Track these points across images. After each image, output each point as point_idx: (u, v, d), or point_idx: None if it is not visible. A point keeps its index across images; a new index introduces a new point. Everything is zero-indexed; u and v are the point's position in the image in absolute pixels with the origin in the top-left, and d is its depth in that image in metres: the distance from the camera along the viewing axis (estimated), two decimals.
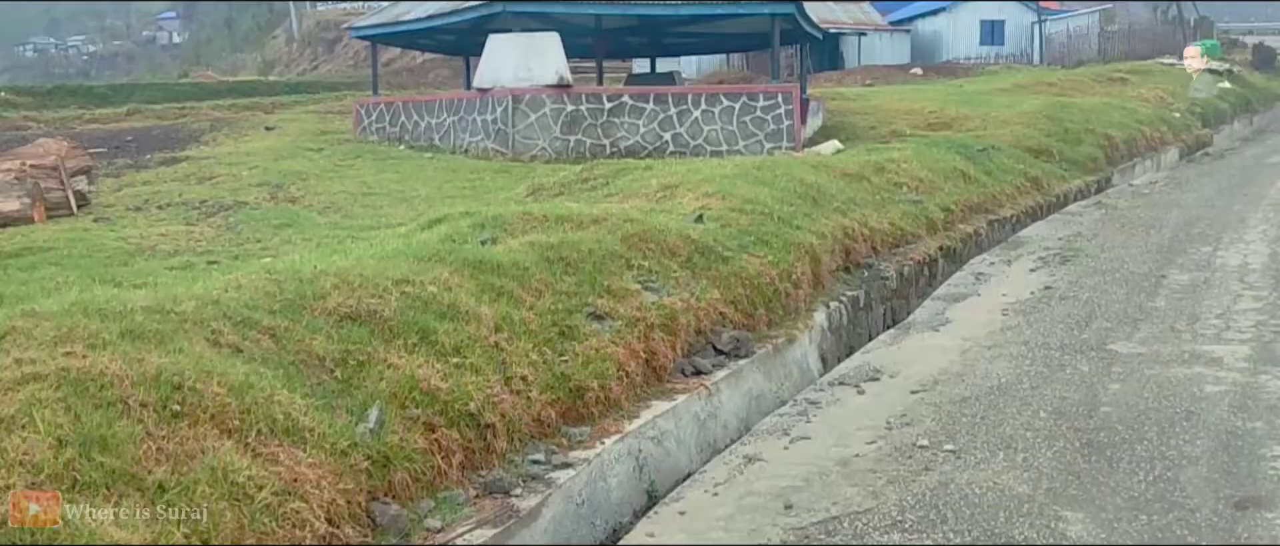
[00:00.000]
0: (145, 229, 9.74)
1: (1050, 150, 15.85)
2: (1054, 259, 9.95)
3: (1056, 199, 13.92)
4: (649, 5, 17.53)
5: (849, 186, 10.13)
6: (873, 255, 8.92)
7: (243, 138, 19.07)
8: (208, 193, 12.21)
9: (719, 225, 7.70)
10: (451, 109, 17.73)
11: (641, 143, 16.50)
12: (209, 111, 25.83)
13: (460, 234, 6.62)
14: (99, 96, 32.18)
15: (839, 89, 27.48)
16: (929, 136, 16.40)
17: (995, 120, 17.82)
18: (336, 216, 10.65)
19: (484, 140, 16.56)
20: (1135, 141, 18.59)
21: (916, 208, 10.38)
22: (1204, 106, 24.92)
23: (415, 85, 41.21)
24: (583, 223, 6.92)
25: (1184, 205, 13.36)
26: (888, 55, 42.97)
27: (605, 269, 6.20)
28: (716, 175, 9.31)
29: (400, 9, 20.96)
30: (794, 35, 20.92)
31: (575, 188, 10.36)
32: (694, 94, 17.38)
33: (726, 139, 16.74)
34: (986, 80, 29.12)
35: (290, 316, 4.62)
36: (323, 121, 21.94)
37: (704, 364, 6.01)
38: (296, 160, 15.21)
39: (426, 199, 11.70)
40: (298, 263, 5.67)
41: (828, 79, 34.38)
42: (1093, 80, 26.39)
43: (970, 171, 12.63)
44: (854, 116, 20.30)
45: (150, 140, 19.05)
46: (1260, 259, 9.57)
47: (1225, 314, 7.54)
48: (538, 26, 17.52)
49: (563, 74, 16.55)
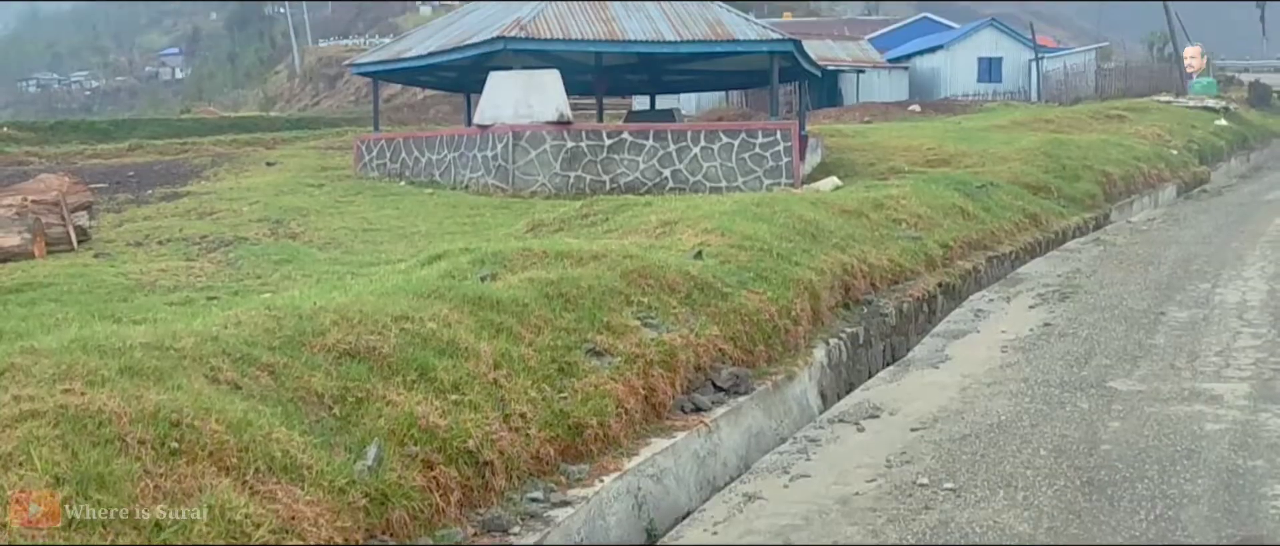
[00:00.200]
0: (145, 264, 9.75)
1: (1048, 187, 15.91)
2: (1053, 296, 9.96)
3: (1055, 235, 13.95)
4: (649, 43, 17.65)
5: (848, 223, 10.15)
6: (872, 292, 8.92)
7: (244, 173, 19.15)
8: (208, 228, 12.24)
9: (718, 261, 7.71)
10: (452, 145, 17.82)
11: (641, 179, 16.57)
12: (210, 147, 25.93)
13: (460, 270, 6.63)
14: (101, 132, 32.31)
15: (837, 126, 27.63)
16: (927, 173, 16.46)
17: (993, 157, 17.90)
18: (336, 252, 10.67)
19: (484, 176, 16.63)
20: (1133, 178, 18.67)
21: (915, 244, 10.40)
22: (1201, 144, 25.04)
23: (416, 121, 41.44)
24: (582, 259, 6.93)
25: (1182, 242, 13.40)
26: (886, 92, 43.26)
27: (604, 305, 6.20)
28: (716, 212, 9.34)
29: (402, 46, 21.13)
30: (793, 73, 21.08)
31: (575, 223, 10.39)
32: (693, 131, 17.49)
33: (725, 175, 16.81)
34: (984, 117, 29.27)
35: (289, 353, 4.61)
36: (323, 157, 22.03)
37: (703, 401, 5.99)
38: (297, 196, 15.27)
39: (426, 235, 11.73)
40: (297, 299, 5.68)
41: (826, 116, 34.56)
42: (1090, 117, 26.53)
43: (969, 208, 12.67)
44: (852, 153, 20.40)
45: (151, 175, 19.13)
46: (1259, 296, 9.58)
47: (1224, 351, 7.54)
48: (538, 64, 17.66)
49: (563, 111, 16.65)
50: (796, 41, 18.84)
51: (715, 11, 18.95)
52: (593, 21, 17.54)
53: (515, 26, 16.61)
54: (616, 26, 17.51)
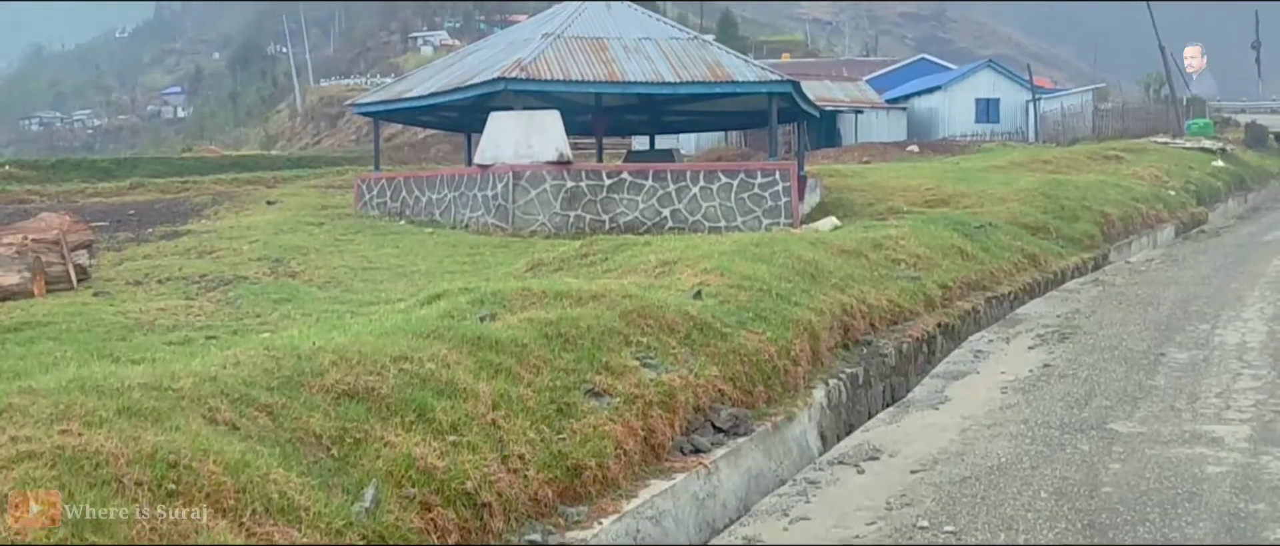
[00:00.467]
0: (145, 303, 9.75)
1: (1047, 227, 15.94)
2: (1052, 336, 9.95)
3: (1054, 276, 13.97)
4: (648, 85, 17.79)
5: (847, 263, 10.17)
6: (871, 332, 8.92)
7: (244, 212, 19.20)
8: (208, 267, 12.25)
9: (717, 301, 7.72)
10: (452, 184, 17.89)
11: (640, 218, 16.62)
12: (211, 185, 26.05)
13: (459, 310, 6.63)
14: (102, 170, 32.52)
15: (836, 166, 27.75)
16: (926, 213, 16.52)
17: (992, 197, 17.96)
18: (336, 291, 10.67)
19: (484, 215, 16.68)
20: (1131, 219, 18.72)
21: (914, 284, 10.40)
22: (1198, 184, 25.14)
23: (417, 160, 41.66)
24: (581, 298, 6.93)
25: (1181, 283, 13.40)
26: (884, 132, 43.53)
27: (604, 345, 6.19)
28: (715, 251, 9.36)
29: (403, 86, 21.28)
30: (791, 113, 21.22)
31: (574, 263, 10.40)
32: (692, 171, 17.57)
33: (725, 215, 16.87)
34: (982, 157, 29.42)
35: (288, 393, 4.60)
36: (324, 196, 22.11)
37: (703, 442, 5.97)
38: (297, 234, 15.30)
39: (426, 274, 11.73)
40: (296, 338, 5.67)
41: (825, 156, 34.76)
42: (1087, 158, 26.66)
43: (968, 248, 12.69)
44: (851, 193, 20.47)
45: (152, 214, 19.18)
46: (1258, 337, 9.57)
47: (1225, 393, 7.52)
48: (539, 104, 17.78)
49: (563, 151, 16.74)
50: (795, 83, 18.99)
51: (714, 53, 19.14)
52: (593, 63, 17.68)
53: (516, 67, 16.74)
54: (616, 68, 17.65)
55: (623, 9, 21.14)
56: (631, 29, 19.36)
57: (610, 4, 20.94)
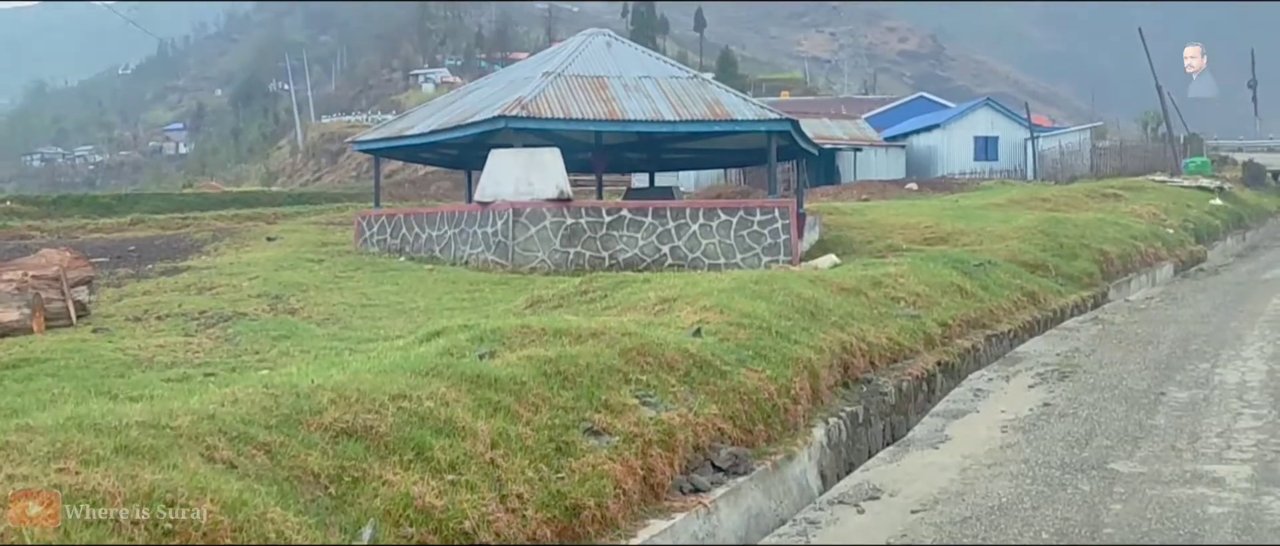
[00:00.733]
0: (144, 340, 9.74)
1: (1046, 265, 15.97)
2: (1052, 375, 9.94)
3: (1053, 314, 13.96)
4: (648, 123, 17.87)
5: (846, 301, 10.17)
6: (871, 370, 8.90)
7: (244, 248, 19.22)
8: (207, 303, 12.25)
9: (717, 339, 7.71)
10: (452, 221, 17.93)
11: (640, 255, 16.64)
12: (212, 222, 26.08)
13: (458, 347, 6.62)
14: (103, 206, 32.57)
15: (835, 203, 27.83)
16: (925, 251, 16.54)
17: (991, 235, 18.00)
18: (335, 328, 10.66)
19: (484, 252, 16.70)
20: (1130, 257, 18.75)
21: (914, 322, 10.40)
22: (1197, 223, 25.21)
23: (417, 196, 41.78)
24: (581, 336, 6.93)
25: (1181, 321, 13.40)
26: (883, 170, 43.70)
27: (603, 383, 6.18)
28: (714, 289, 9.36)
29: (404, 123, 21.38)
30: (790, 151, 21.31)
31: (574, 300, 10.40)
32: (692, 208, 17.62)
33: (724, 252, 16.90)
34: (981, 195, 29.51)
35: (286, 431, 4.59)
36: (324, 232, 22.15)
37: (702, 481, 5.94)
38: (297, 271, 15.31)
39: (425, 311, 11.74)
40: (295, 376, 5.67)
41: (824, 193, 34.87)
42: (1086, 196, 26.75)
43: (967, 286, 12.70)
44: (850, 231, 20.52)
45: (152, 250, 19.20)
46: (1258, 376, 9.56)
47: (1225, 432, 7.50)
48: (539, 142, 17.87)
49: (563, 188, 16.80)
50: (794, 121, 19.08)
51: (714, 92, 19.25)
52: (593, 101, 17.78)
53: (516, 105, 16.83)
54: (617, 106, 17.75)
55: (623, 48, 21.31)
56: (631, 68, 19.50)
57: (610, 43, 21.11)
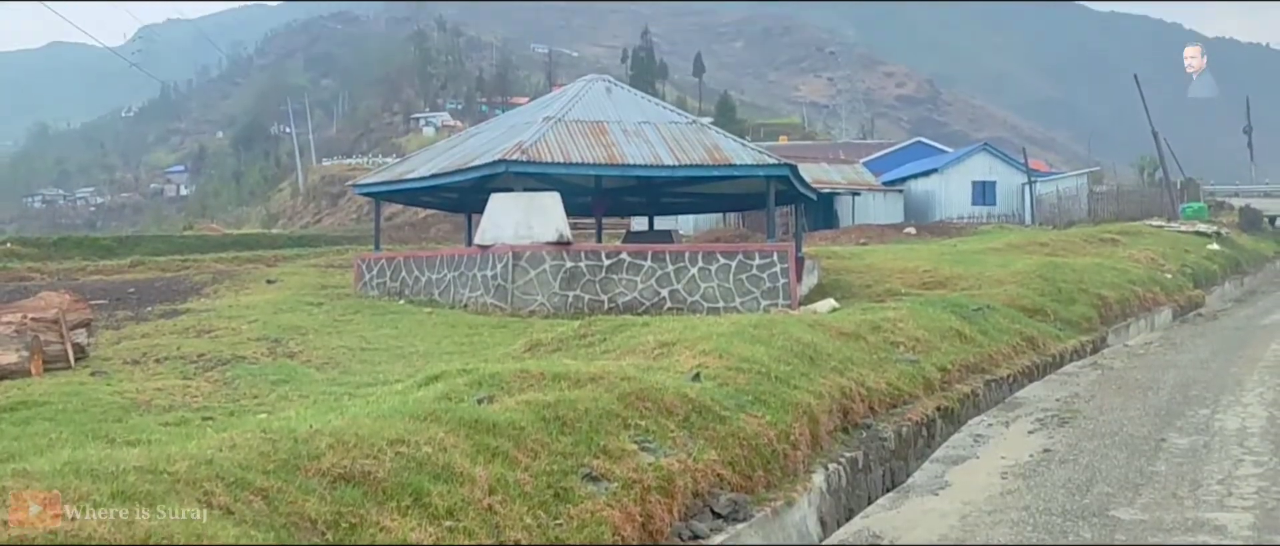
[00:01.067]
0: (142, 383, 9.71)
1: (1044, 310, 15.98)
2: (1052, 421, 9.91)
3: (1052, 359, 13.95)
4: (648, 168, 17.96)
5: (846, 345, 10.17)
6: (870, 415, 8.88)
7: (244, 290, 19.22)
8: (206, 346, 12.23)
9: (716, 384, 7.70)
10: (452, 264, 17.96)
11: (639, 299, 16.65)
12: (212, 264, 26.12)
13: (457, 392, 6.61)
14: (103, 248, 32.64)
15: (834, 247, 27.89)
16: (924, 295, 16.57)
17: (989, 279, 18.03)
18: (334, 372, 10.64)
19: (483, 295, 16.71)
20: (1128, 302, 18.77)
21: (913, 367, 10.39)
22: (1194, 268, 25.25)
23: (417, 239, 41.89)
24: (579, 381, 6.92)
25: (1180, 367, 13.39)
26: (881, 214, 43.83)
27: (601, 428, 6.17)
28: (713, 333, 9.36)
29: (405, 167, 21.48)
30: (789, 195, 21.40)
31: (573, 344, 10.39)
32: (691, 251, 17.65)
33: (723, 296, 16.91)
34: (979, 240, 29.59)
35: (284, 477, 4.58)
36: (324, 275, 22.16)
37: (701, 528, 5.91)
38: (296, 314, 15.30)
39: (424, 355, 11.72)
40: (293, 421, 5.66)
41: (823, 237, 34.96)
42: (1084, 241, 26.81)
43: (966, 331, 12.70)
44: (849, 275, 20.55)
45: (152, 292, 19.20)
46: (1259, 423, 9.53)
47: (1227, 479, 7.46)
48: (539, 186, 17.93)
49: (563, 232, 16.84)
50: (792, 166, 19.18)
51: (713, 137, 19.37)
52: (593, 146, 17.89)
53: (517, 150, 16.93)
54: (616, 151, 17.85)
55: (622, 94, 21.47)
56: (631, 113, 19.64)
57: (610, 89, 21.28)
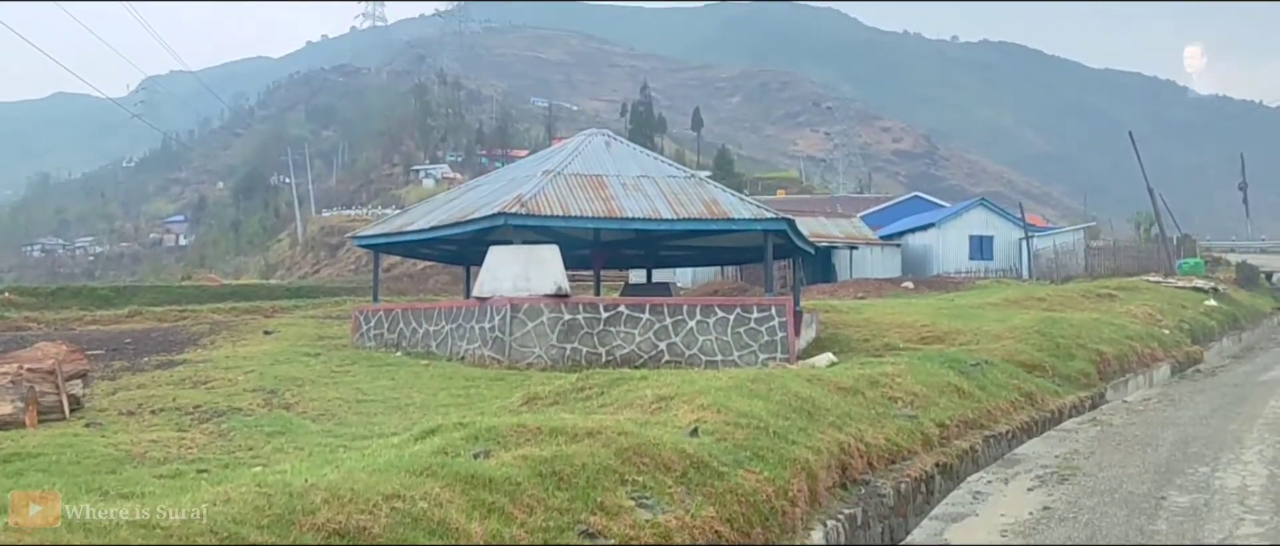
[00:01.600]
0: (137, 434, 9.66)
1: (1043, 365, 15.97)
2: (1052, 477, 9.87)
3: (1051, 414, 13.91)
4: (646, 221, 18.03)
5: (844, 400, 10.14)
6: (869, 471, 8.84)
7: (241, 341, 19.19)
8: (202, 397, 12.19)
9: (714, 439, 7.67)
10: (450, 317, 17.95)
11: (637, 351, 16.63)
12: (209, 314, 26.10)
13: (453, 446, 6.58)
14: (101, 298, 32.63)
15: (831, 301, 27.91)
16: (922, 350, 16.55)
17: (987, 335, 18.03)
18: (330, 424, 10.59)
19: (481, 348, 16.69)
20: (1127, 357, 18.75)
21: (912, 423, 10.36)
22: (1192, 323, 25.26)
23: (415, 290, 41.90)
24: (577, 435, 6.89)
25: (1179, 423, 13.35)
26: (879, 268, 43.91)
27: (599, 484, 6.13)
28: (712, 387, 9.34)
29: (404, 219, 21.56)
30: (787, 249, 21.45)
31: (570, 397, 10.35)
32: (689, 304, 17.66)
33: (721, 349, 16.89)
34: (977, 294, 29.61)
35: (278, 532, 4.54)
36: (321, 326, 22.14)
37: None
38: (293, 365, 15.26)
39: (420, 407, 11.68)
40: (288, 475, 5.62)
41: (821, 291, 34.98)
42: (1081, 296, 26.84)
43: (964, 386, 12.68)
44: (847, 329, 20.55)
45: (149, 342, 19.16)
46: (1259, 481, 9.49)
47: (1228, 539, 7.42)
48: (538, 238, 17.99)
49: (561, 284, 16.86)
50: (790, 220, 19.26)
51: (711, 191, 19.47)
52: (592, 199, 17.98)
53: (516, 203, 17.01)
54: (615, 204, 17.94)
55: (621, 148, 21.63)
56: (630, 167, 19.77)
57: (609, 143, 21.44)
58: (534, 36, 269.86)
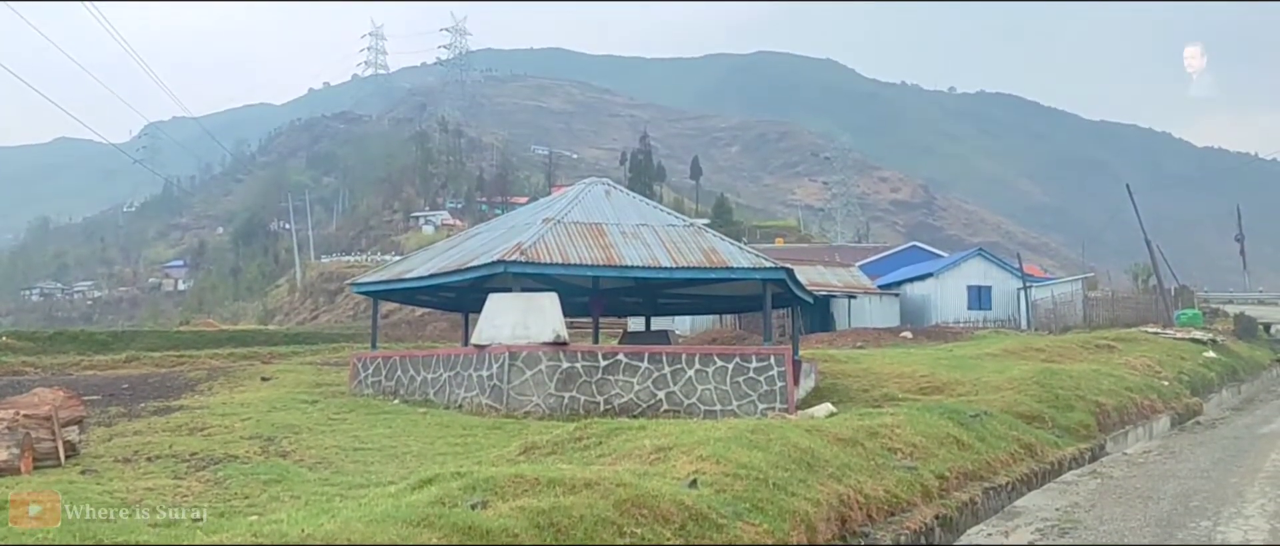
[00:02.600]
0: (132, 482, 9.60)
1: (1042, 416, 15.91)
2: (1052, 531, 9.80)
3: (1051, 466, 13.84)
4: (645, 269, 18.07)
5: (843, 451, 10.11)
6: (868, 523, 8.78)
7: (239, 388, 19.14)
8: (199, 444, 12.12)
9: (713, 490, 7.64)
10: (448, 364, 17.92)
11: (635, 400, 16.58)
12: (207, 360, 26.04)
13: (450, 496, 6.55)
14: (99, 343, 32.55)
15: (830, 350, 27.88)
16: (921, 400, 16.51)
17: (986, 385, 18.00)
18: (327, 472, 10.54)
19: (478, 396, 16.64)
20: (1126, 409, 18.69)
21: (911, 474, 10.31)
22: (1191, 375, 25.21)
23: (413, 337, 41.85)
24: (574, 486, 6.86)
25: (1180, 476, 13.28)
26: (877, 318, 43.92)
27: (597, 536, 6.10)
28: (710, 438, 9.31)
29: (403, 267, 21.59)
30: (786, 298, 21.48)
31: (568, 447, 10.31)
32: (688, 353, 17.63)
33: (720, 399, 16.84)
34: (975, 345, 29.59)
35: None
36: (319, 373, 22.09)
37: None
38: (290, 412, 15.21)
39: (418, 455, 11.63)
40: (284, 524, 5.61)
41: (819, 340, 34.96)
42: (1080, 347, 26.82)
43: (964, 437, 12.63)
44: (846, 379, 20.51)
45: (146, 388, 19.11)
46: (1261, 535, 9.44)
47: None
48: (537, 286, 18.02)
49: (560, 332, 16.85)
50: (788, 270, 19.30)
51: (710, 240, 19.54)
52: (592, 247, 18.03)
53: (516, 251, 17.05)
54: (614, 252, 17.98)
55: (621, 196, 21.74)
56: (629, 215, 19.86)
57: (609, 191, 21.55)
58: (535, 85, 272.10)
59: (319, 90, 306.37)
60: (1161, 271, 44.47)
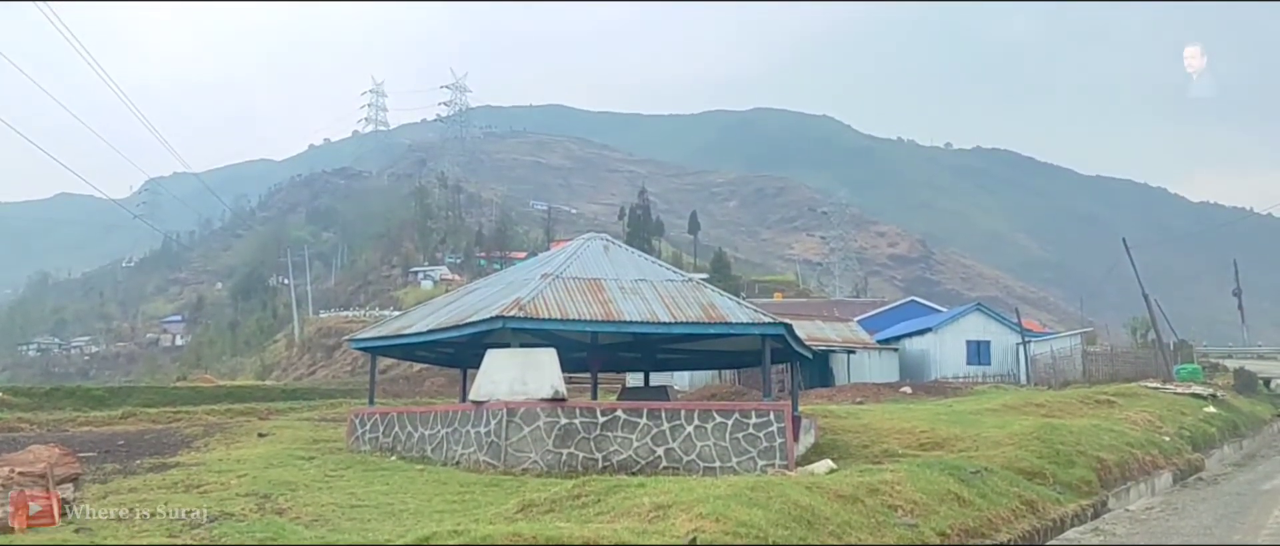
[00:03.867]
0: (127, 540, 9.53)
1: (1043, 472, 15.84)
2: None
3: (1053, 524, 13.74)
4: (644, 324, 18.06)
5: (843, 509, 10.05)
6: None
7: (235, 444, 19.04)
8: (194, 502, 12.03)
9: None
10: (445, 421, 17.85)
11: (634, 457, 16.49)
12: (204, 416, 25.92)
13: None
14: (95, 399, 32.40)
15: (830, 406, 27.79)
16: (921, 456, 16.45)
17: (986, 441, 17.92)
18: (323, 530, 10.45)
19: (476, 452, 16.55)
20: (1128, 465, 18.60)
21: (912, 532, 10.25)
22: (1192, 430, 25.10)
23: (411, 392, 41.66)
24: (572, 545, 6.82)
25: (1183, 534, 13.19)
26: (877, 373, 43.84)
27: None
28: (710, 495, 9.26)
29: (402, 322, 21.57)
30: (784, 354, 21.44)
31: (566, 504, 10.25)
32: (687, 409, 17.57)
33: (719, 455, 16.75)
34: (975, 400, 29.50)
35: None
36: (316, 429, 21.98)
37: None
38: (287, 469, 15.12)
39: (415, 513, 11.54)
40: None
41: (819, 395, 34.87)
42: (1080, 402, 26.73)
43: (965, 494, 12.56)
44: (846, 434, 20.42)
45: (142, 444, 19.00)
46: None
47: None
48: (536, 341, 17.99)
49: (558, 388, 16.80)
50: (787, 325, 19.30)
51: (708, 295, 19.56)
52: (590, 303, 18.04)
53: (515, 307, 17.06)
54: (613, 308, 18.00)
55: (620, 252, 21.80)
56: (628, 271, 19.90)
57: (608, 247, 21.63)
58: (534, 142, 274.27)
59: (319, 146, 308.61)
60: (1160, 326, 44.46)
